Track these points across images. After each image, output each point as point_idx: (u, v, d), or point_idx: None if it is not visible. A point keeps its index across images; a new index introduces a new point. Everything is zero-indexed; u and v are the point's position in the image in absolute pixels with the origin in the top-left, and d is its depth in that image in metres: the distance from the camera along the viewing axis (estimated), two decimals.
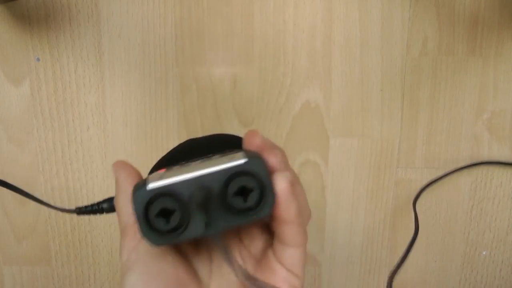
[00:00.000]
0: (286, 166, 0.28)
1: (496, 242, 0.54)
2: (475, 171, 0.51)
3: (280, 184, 0.26)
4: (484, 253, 0.54)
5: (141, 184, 0.26)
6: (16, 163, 0.50)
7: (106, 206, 0.34)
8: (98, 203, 0.34)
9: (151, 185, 0.25)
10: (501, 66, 0.49)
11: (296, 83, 0.48)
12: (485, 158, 0.51)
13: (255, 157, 0.26)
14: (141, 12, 0.46)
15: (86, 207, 0.34)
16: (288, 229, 0.27)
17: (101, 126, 0.49)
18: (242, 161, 0.25)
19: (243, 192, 0.25)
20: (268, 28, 0.47)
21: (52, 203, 0.51)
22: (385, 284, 0.54)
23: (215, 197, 0.25)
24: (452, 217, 0.53)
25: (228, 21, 0.47)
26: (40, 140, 0.49)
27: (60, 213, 0.51)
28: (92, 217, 0.51)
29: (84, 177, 0.50)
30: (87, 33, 0.47)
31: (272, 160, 0.27)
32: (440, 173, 0.51)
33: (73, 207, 0.37)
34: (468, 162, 0.51)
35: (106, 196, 0.51)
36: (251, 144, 0.29)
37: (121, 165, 0.33)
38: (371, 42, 0.47)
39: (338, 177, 0.51)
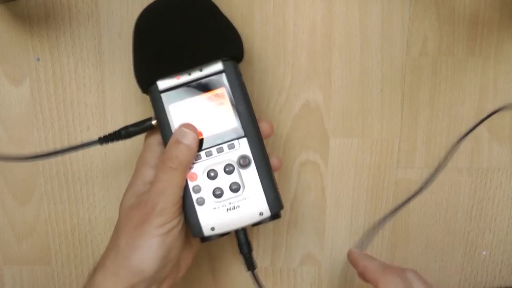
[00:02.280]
0: None
1: (496, 242, 0.54)
2: (475, 171, 0.51)
3: None
4: (484, 253, 0.54)
5: (196, 227, 0.40)
6: (16, 163, 0.50)
7: (124, 133, 0.42)
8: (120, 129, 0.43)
9: (208, 234, 0.40)
10: (501, 66, 0.49)
11: (296, 83, 0.48)
12: (485, 158, 0.51)
13: None
14: None
15: (110, 134, 0.42)
16: None
17: (101, 126, 0.49)
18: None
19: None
20: (268, 28, 0.47)
21: (52, 203, 0.51)
22: None
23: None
24: (452, 217, 0.53)
25: None
26: (40, 140, 0.49)
27: (60, 213, 0.51)
28: (92, 217, 0.51)
29: (84, 177, 0.50)
30: (87, 33, 0.47)
31: None
32: (440, 173, 0.51)
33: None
34: (468, 163, 0.51)
35: (106, 196, 0.51)
36: None
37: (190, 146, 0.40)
38: (371, 42, 0.47)
39: (338, 177, 0.51)
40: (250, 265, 0.42)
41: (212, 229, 0.39)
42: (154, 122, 0.41)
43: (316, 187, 0.51)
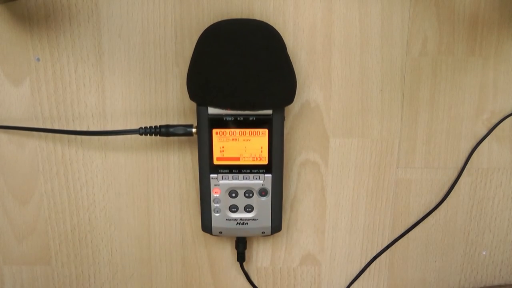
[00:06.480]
0: None
1: (496, 242, 0.54)
2: (475, 171, 0.51)
3: None
4: (484, 253, 0.54)
5: None
6: (16, 163, 0.50)
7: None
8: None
9: (215, 234, 0.48)
10: (501, 66, 0.49)
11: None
12: (485, 158, 0.51)
13: None
14: (141, 12, 0.46)
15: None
16: None
17: (101, 126, 0.49)
18: None
19: None
20: None
21: (52, 203, 0.51)
22: (385, 284, 0.55)
23: None
24: (452, 217, 0.53)
25: None
26: (40, 140, 0.49)
27: (60, 213, 0.51)
28: (92, 217, 0.51)
29: (84, 177, 0.50)
30: (87, 33, 0.47)
31: None
32: (440, 173, 0.51)
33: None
34: (468, 163, 0.51)
35: (106, 196, 0.51)
36: None
37: None
38: (371, 42, 0.47)
39: (338, 177, 0.51)
40: (240, 258, 0.51)
41: (220, 232, 0.48)
42: (194, 130, 0.45)
43: (316, 187, 0.51)
